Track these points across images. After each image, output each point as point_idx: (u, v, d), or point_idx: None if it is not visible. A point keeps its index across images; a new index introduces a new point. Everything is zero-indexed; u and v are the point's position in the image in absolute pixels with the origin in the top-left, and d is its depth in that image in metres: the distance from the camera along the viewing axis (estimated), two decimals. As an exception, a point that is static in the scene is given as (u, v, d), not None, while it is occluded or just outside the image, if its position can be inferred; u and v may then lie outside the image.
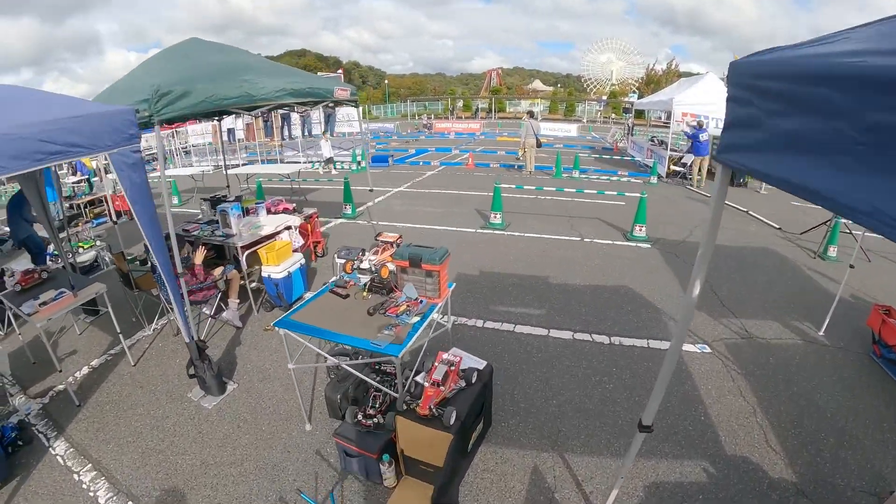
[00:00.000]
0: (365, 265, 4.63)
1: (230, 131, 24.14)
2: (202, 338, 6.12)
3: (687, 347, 5.65)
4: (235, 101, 4.89)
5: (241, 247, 6.46)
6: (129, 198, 4.20)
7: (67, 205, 12.89)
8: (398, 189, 14.92)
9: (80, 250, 8.06)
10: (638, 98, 31.44)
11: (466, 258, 8.56)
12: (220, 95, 4.70)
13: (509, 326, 6.18)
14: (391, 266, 4.43)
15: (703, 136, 15.16)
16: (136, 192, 4.24)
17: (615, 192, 10.87)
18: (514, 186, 12.09)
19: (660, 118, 48.98)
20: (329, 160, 18.67)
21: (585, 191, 11.31)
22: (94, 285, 5.66)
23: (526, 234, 9.80)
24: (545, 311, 6.57)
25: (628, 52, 74.24)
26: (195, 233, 6.96)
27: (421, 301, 4.14)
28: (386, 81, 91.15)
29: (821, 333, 5.99)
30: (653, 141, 20.30)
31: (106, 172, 20.79)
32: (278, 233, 7.12)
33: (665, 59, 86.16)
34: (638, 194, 9.52)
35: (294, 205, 8.35)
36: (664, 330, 6.10)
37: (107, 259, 8.63)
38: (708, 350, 5.66)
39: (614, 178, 16.35)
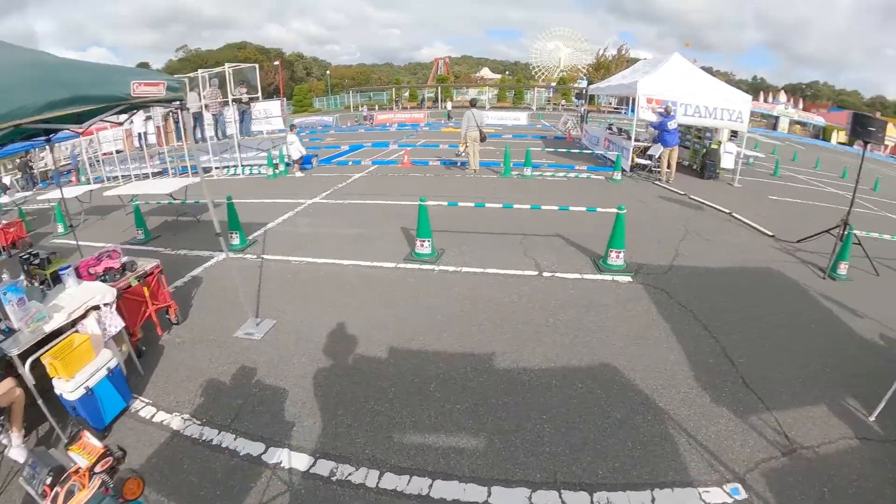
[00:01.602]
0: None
1: (141, 136, 20.82)
2: None
3: (712, 497, 3.42)
4: None
5: (19, 355, 3.72)
6: None
7: None
8: (313, 200, 11.90)
9: None
10: (588, 84, 29.23)
11: (375, 320, 5.81)
12: None
13: (421, 485, 3.49)
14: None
15: (672, 125, 13.09)
16: None
17: (584, 208, 8.08)
18: (445, 203, 8.98)
19: (610, 104, 48.06)
20: (298, 161, 15.67)
21: (544, 207, 8.41)
22: None
23: (464, 269, 7.09)
24: (485, 439, 3.91)
25: (576, 40, 76.83)
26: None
27: None
28: (328, 72, 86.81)
29: (872, 419, 4.34)
30: (611, 129, 17.75)
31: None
32: (80, 319, 4.31)
33: (614, 46, 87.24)
34: (613, 209, 6.95)
35: (125, 260, 5.51)
36: (678, 459, 3.70)
37: None
38: (742, 495, 3.45)
39: (572, 175, 13.78)
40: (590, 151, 18.31)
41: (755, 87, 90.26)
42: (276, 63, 63.15)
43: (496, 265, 7.10)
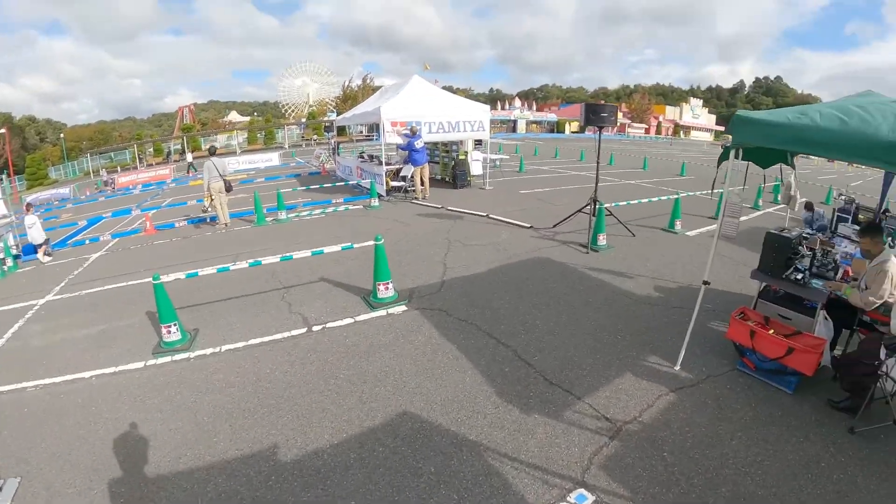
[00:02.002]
0: None
1: None
2: None
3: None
4: None
5: None
6: None
7: None
8: (46, 298, 9.42)
9: None
10: (337, 116, 29.41)
11: (132, 443, 4.42)
12: None
13: None
14: None
15: (419, 144, 13.58)
16: None
17: (339, 247, 7.41)
18: (184, 276, 7.49)
19: (361, 132, 49.52)
20: (43, 245, 12.24)
21: (296, 255, 7.26)
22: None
23: (224, 348, 5.94)
24: None
25: (323, 74, 79.13)
26: None
27: None
28: (62, 136, 75.69)
29: (678, 368, 4.77)
30: (362, 157, 17.84)
31: None
32: None
33: (360, 76, 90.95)
34: (370, 241, 6.55)
35: None
36: (511, 490, 3.39)
37: None
38: (589, 498, 3.29)
39: (330, 209, 13.23)
40: (345, 182, 18.13)
41: (493, 98, 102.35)
42: (2, 131, 53.27)
43: (260, 332, 6.13)
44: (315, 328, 6.02)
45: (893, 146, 3.19)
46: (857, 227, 9.94)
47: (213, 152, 13.59)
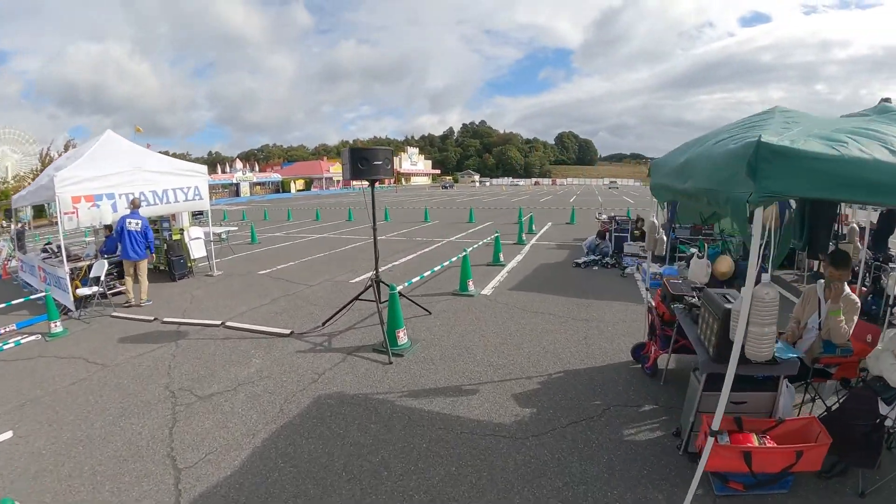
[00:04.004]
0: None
1: None
2: None
3: None
4: None
5: None
6: None
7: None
8: None
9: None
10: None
11: None
12: None
13: None
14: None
15: (134, 225, 8.76)
16: None
17: None
18: None
19: (54, 215, 39.08)
20: None
21: None
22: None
23: None
24: None
25: (25, 142, 60.89)
26: None
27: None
28: None
29: None
30: (46, 251, 11.48)
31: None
32: None
33: (64, 142, 73.89)
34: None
35: None
36: None
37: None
38: None
39: None
40: (32, 290, 11.07)
41: (212, 161, 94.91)
42: None
43: None
44: None
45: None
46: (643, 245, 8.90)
47: None
